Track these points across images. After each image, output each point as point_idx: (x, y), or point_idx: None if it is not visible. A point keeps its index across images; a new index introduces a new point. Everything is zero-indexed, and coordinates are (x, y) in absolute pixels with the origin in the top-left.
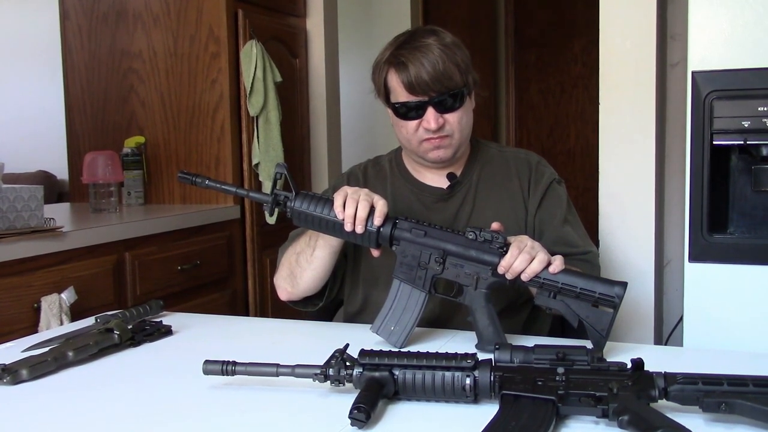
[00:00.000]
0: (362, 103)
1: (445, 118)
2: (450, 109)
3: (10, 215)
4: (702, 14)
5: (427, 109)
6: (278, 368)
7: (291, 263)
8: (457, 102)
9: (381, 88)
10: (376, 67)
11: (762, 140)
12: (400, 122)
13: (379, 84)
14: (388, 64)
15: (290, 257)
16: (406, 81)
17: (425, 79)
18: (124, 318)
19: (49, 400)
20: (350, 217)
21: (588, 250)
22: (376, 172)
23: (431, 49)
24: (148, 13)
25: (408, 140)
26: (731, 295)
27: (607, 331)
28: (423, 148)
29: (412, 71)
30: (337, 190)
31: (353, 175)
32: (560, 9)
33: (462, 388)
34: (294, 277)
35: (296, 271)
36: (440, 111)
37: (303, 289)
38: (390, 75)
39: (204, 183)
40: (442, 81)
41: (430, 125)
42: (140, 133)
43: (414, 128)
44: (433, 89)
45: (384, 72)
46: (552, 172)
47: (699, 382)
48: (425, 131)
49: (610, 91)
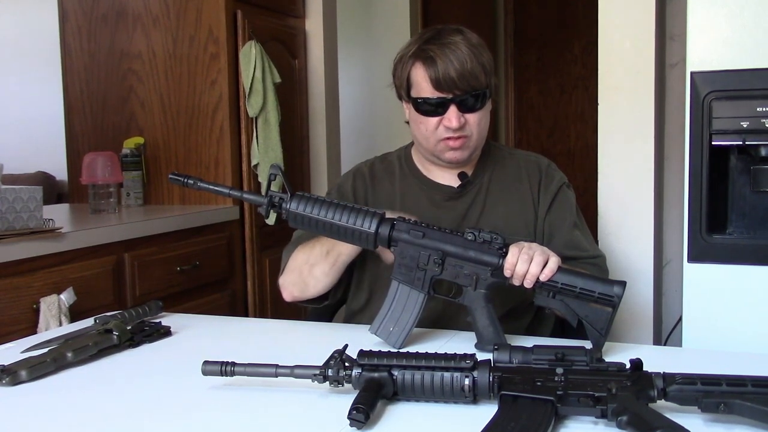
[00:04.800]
0: (361, 104)
1: (466, 118)
2: (471, 109)
3: (9, 216)
4: (701, 15)
5: (450, 107)
6: (277, 369)
7: (303, 272)
8: (479, 102)
9: (403, 82)
10: (399, 60)
11: (761, 141)
12: (420, 118)
13: (401, 77)
14: (414, 58)
15: (302, 266)
16: (433, 76)
17: (452, 76)
18: (124, 319)
19: (48, 401)
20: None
21: (597, 255)
22: (384, 169)
23: (459, 47)
24: (147, 14)
25: (426, 138)
26: (730, 295)
27: (606, 330)
28: (440, 148)
29: (440, 67)
30: (342, 189)
31: (359, 173)
32: (560, 10)
33: (461, 388)
34: (306, 285)
35: (309, 280)
36: (462, 110)
37: (313, 294)
38: (415, 69)
39: (196, 185)
40: (469, 80)
41: (452, 123)
42: (139, 133)
43: (434, 126)
44: (458, 87)
45: (409, 65)
46: (562, 176)
47: (698, 383)
48: (445, 130)
49: (609, 92)
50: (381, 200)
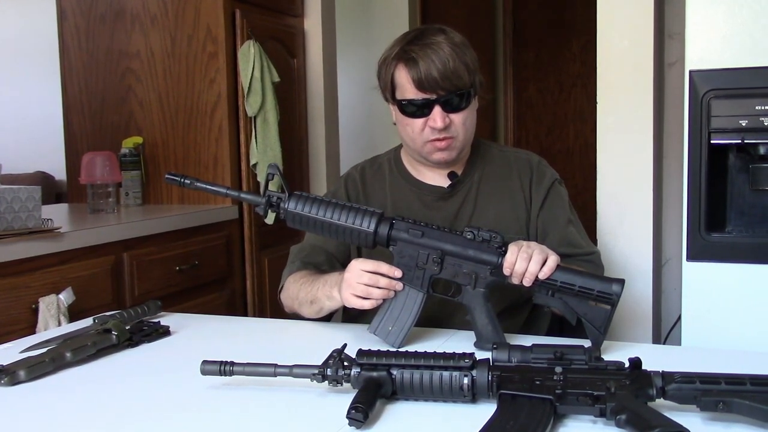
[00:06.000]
0: (360, 103)
1: (451, 118)
2: (456, 109)
3: (7, 216)
4: (700, 13)
5: (434, 108)
6: (276, 368)
7: (294, 306)
8: (463, 102)
9: (387, 84)
10: (383, 62)
11: (759, 139)
12: (405, 120)
13: (385, 80)
14: (397, 60)
15: (293, 300)
16: (415, 77)
17: (435, 77)
18: (122, 318)
19: (47, 401)
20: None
21: (592, 251)
22: (374, 172)
23: (441, 47)
24: (145, 13)
25: (412, 139)
26: (729, 294)
27: (605, 329)
28: (427, 149)
29: (422, 67)
30: (336, 196)
31: (351, 178)
32: (559, 8)
33: (460, 387)
34: (307, 314)
35: (301, 312)
36: (447, 110)
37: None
38: (398, 71)
39: (193, 184)
40: (452, 79)
41: (437, 124)
42: (138, 133)
43: (420, 127)
44: (442, 87)
45: (392, 67)
46: (553, 173)
47: (697, 381)
48: (431, 131)
49: (607, 90)
50: (373, 204)
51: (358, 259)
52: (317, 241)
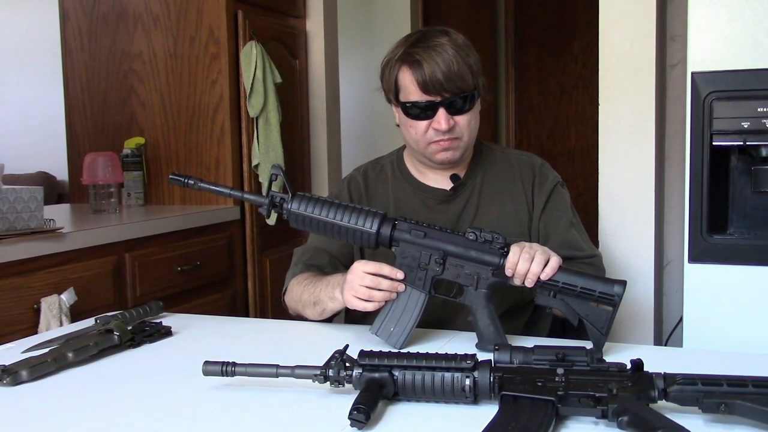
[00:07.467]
0: (362, 104)
1: (455, 119)
2: (460, 111)
3: (10, 216)
4: (702, 15)
5: (438, 110)
6: (278, 369)
7: (297, 308)
8: (467, 104)
9: (391, 86)
10: (386, 64)
11: (761, 141)
12: (409, 122)
13: (388, 82)
14: (401, 62)
15: (296, 302)
16: (420, 79)
17: (439, 79)
18: (124, 319)
19: (49, 401)
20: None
21: (594, 254)
22: (377, 174)
23: (445, 49)
24: (148, 14)
25: (416, 141)
26: (731, 295)
27: (607, 330)
28: (431, 150)
29: (426, 69)
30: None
31: (353, 181)
32: (560, 10)
33: (461, 388)
34: (311, 316)
35: (304, 315)
36: (451, 112)
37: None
38: (402, 73)
39: (196, 185)
40: (456, 81)
41: (441, 126)
42: (140, 134)
43: (424, 129)
44: (446, 89)
45: (396, 69)
46: (555, 175)
47: (698, 383)
48: (435, 132)
49: (609, 92)
50: (375, 206)
51: (360, 261)
52: (320, 243)
